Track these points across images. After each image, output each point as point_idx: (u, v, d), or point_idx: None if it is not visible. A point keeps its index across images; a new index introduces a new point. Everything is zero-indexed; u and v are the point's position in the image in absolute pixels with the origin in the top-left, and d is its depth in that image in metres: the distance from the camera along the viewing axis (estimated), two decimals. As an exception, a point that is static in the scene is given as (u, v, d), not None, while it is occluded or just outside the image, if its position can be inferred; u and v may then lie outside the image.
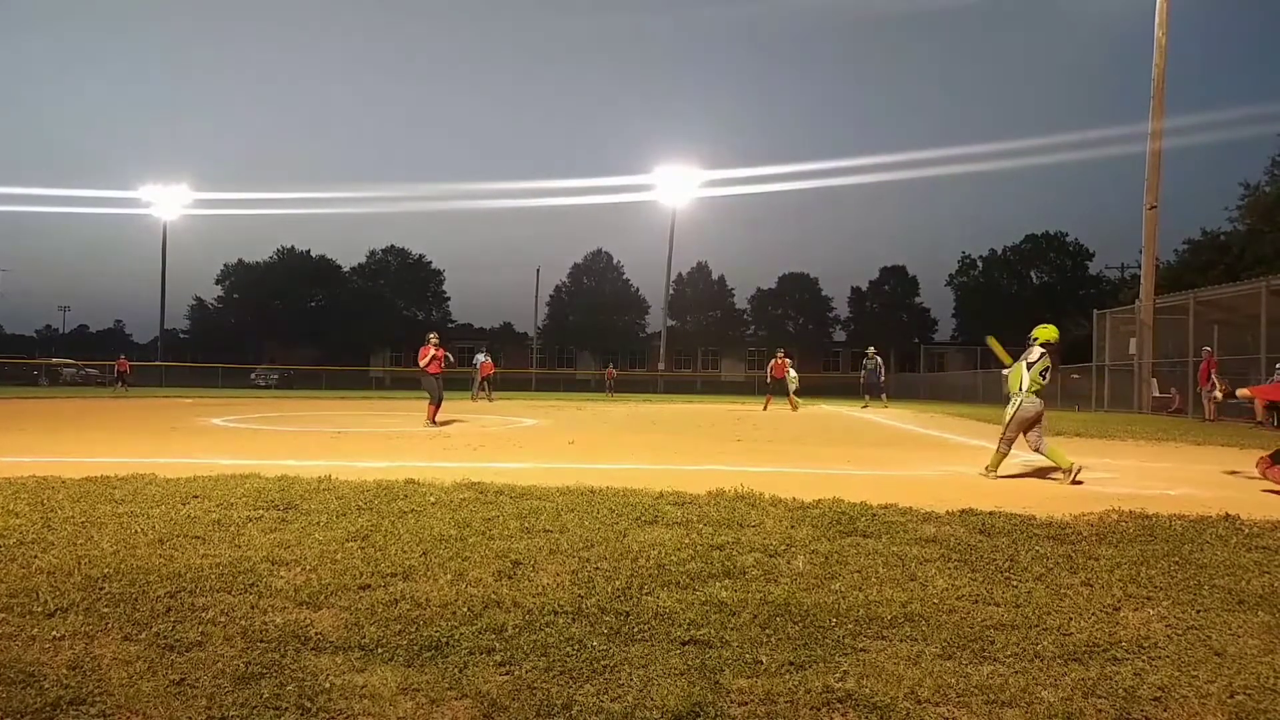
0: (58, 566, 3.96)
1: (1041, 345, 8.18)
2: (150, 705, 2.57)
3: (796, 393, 30.40)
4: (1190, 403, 23.04)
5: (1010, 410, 8.22)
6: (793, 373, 30.62)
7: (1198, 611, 3.59)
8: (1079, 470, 7.62)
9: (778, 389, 26.96)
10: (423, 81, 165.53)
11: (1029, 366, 8.12)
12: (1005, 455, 8.29)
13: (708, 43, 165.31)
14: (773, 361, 27.46)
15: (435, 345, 15.47)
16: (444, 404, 15.77)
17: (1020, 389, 8.12)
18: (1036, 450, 8.08)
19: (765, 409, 25.86)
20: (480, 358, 31.27)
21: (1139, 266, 33.47)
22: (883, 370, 29.21)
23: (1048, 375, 8.11)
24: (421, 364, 15.36)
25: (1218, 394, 8.14)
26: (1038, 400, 8.08)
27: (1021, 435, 8.16)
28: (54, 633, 3.11)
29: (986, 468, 8.27)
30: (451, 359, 16.22)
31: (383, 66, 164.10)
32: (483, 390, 30.63)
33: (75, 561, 4.05)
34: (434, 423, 15.06)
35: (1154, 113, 26.24)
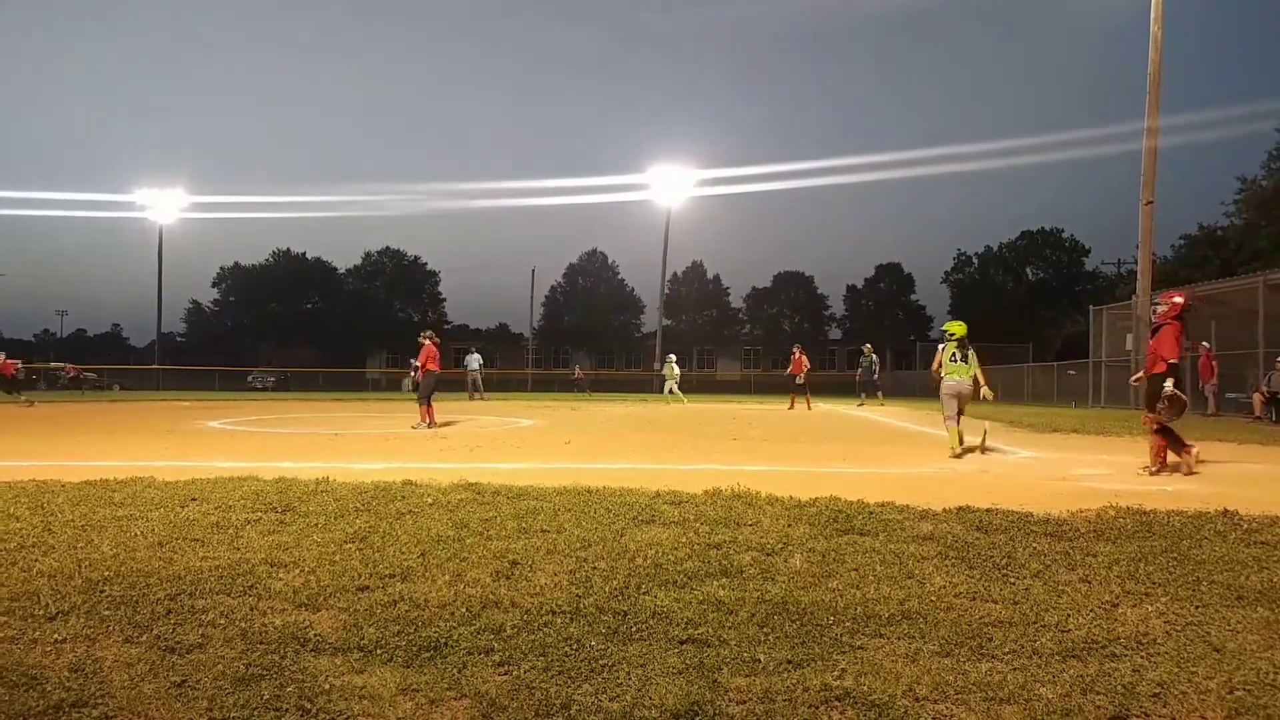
0: (58, 570, 3.97)
1: (958, 339, 10.05)
2: (152, 707, 2.57)
3: (678, 388, 30.00)
4: (1189, 398, 23.08)
5: (943, 391, 10.08)
6: (675, 369, 30.27)
7: (1196, 607, 3.60)
8: (959, 455, 9.56)
9: (798, 386, 26.46)
10: (416, 83, 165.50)
11: (952, 359, 10.04)
12: (952, 430, 9.95)
13: (702, 42, 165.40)
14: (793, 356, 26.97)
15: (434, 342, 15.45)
16: (435, 404, 15.43)
17: (941, 375, 10.11)
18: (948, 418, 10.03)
19: (791, 407, 25.43)
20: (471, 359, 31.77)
21: (1135, 262, 33.49)
22: (878, 367, 29.16)
23: (969, 361, 10.05)
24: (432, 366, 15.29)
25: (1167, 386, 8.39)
26: (957, 381, 9.97)
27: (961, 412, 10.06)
28: (55, 636, 3.12)
29: (950, 450, 9.82)
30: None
31: (378, 68, 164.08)
32: (476, 390, 30.99)
33: (76, 565, 4.05)
34: (427, 424, 14.92)
35: (1150, 108, 26.22)
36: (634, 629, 3.26)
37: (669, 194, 58.65)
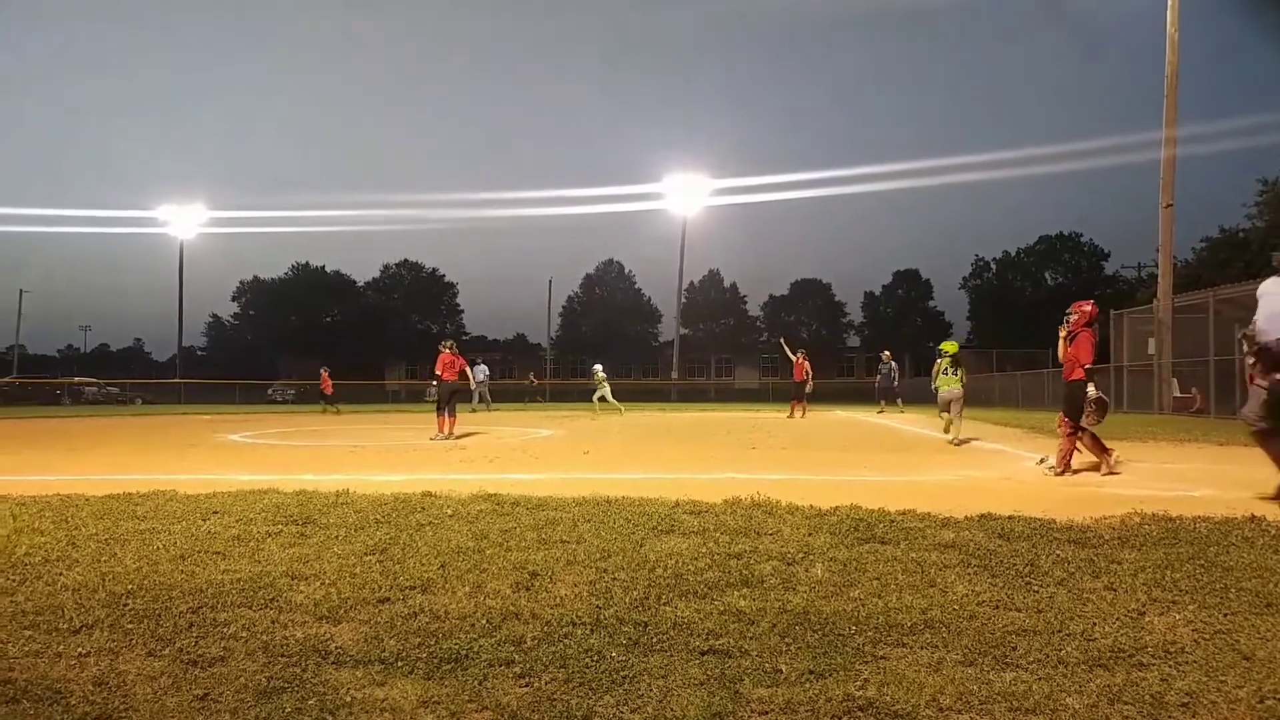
0: (82, 583, 4.00)
1: (951, 356, 13.32)
2: (174, 721, 2.58)
3: (602, 399, 28.40)
4: (1213, 402, 22.81)
5: (941, 398, 13.51)
6: (601, 374, 29.01)
7: (1225, 615, 3.55)
8: (957, 443, 12.93)
9: (797, 391, 26.13)
10: (431, 97, 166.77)
11: (943, 372, 13.29)
12: (946, 419, 13.65)
13: (718, 50, 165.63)
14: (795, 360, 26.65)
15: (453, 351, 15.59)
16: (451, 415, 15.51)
17: (936, 385, 13.50)
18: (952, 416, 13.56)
19: (791, 415, 25.00)
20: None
21: (1156, 266, 33.24)
22: (897, 374, 28.96)
23: (959, 373, 13.25)
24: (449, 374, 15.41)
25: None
26: (949, 389, 13.24)
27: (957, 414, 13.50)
28: (79, 649, 3.14)
29: (950, 441, 13.18)
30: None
31: (393, 82, 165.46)
32: (482, 401, 31.15)
33: (99, 578, 4.08)
34: (444, 434, 15.04)
35: (1168, 109, 26.08)
36: (655, 640, 3.24)
37: (685, 203, 58.78)
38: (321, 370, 32.68)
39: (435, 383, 15.83)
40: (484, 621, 3.45)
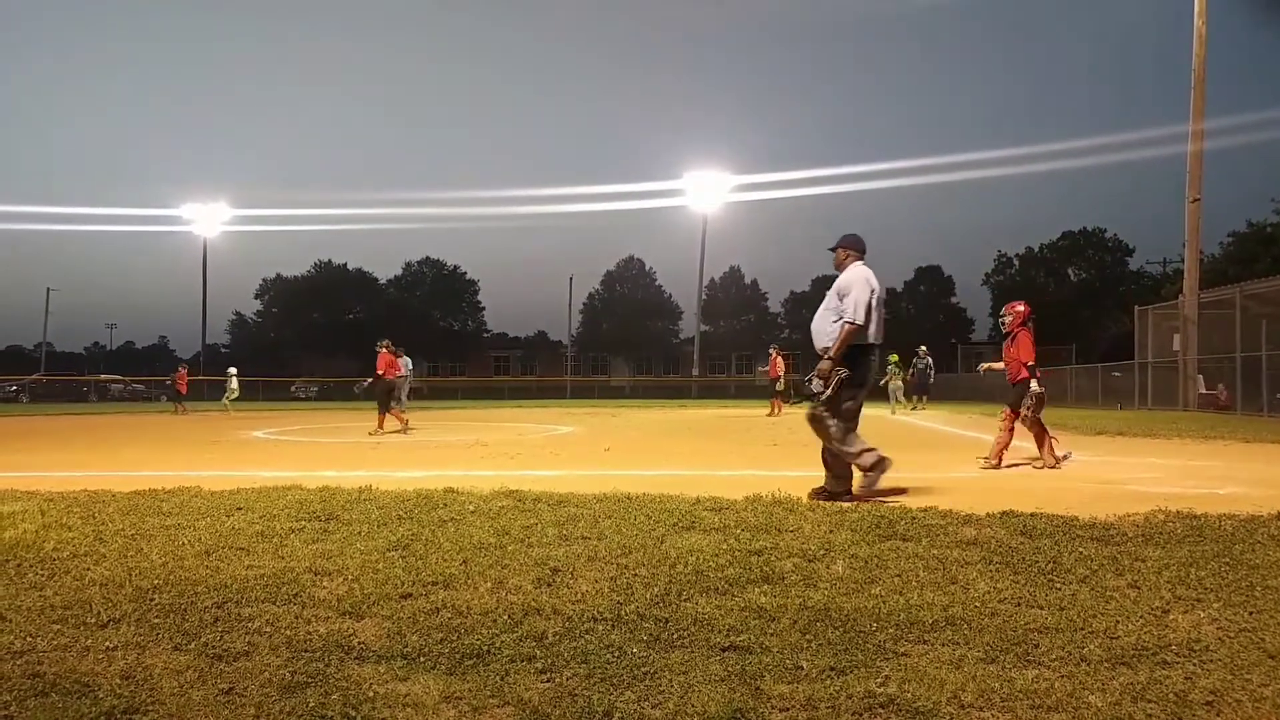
0: (109, 578, 4.04)
1: (894, 365, 25.75)
2: (200, 714, 2.61)
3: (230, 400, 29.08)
4: (1239, 399, 22.54)
5: (891, 390, 26.36)
6: (233, 383, 29.27)
7: (1250, 613, 3.51)
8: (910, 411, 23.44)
9: (773, 388, 25.40)
10: (454, 94, 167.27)
11: (895, 375, 25.98)
12: (909, 406, 26.70)
13: (739, 45, 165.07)
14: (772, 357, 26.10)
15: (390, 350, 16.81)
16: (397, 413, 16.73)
17: (889, 382, 25.53)
18: (896, 400, 27.04)
19: (772, 413, 24.42)
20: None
21: (1181, 261, 32.81)
22: (933, 371, 28.43)
23: (900, 373, 25.94)
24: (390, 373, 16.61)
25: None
26: (899, 384, 26.73)
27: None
28: (107, 643, 3.18)
29: (905, 410, 24.38)
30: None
31: (414, 79, 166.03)
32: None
33: (126, 573, 4.13)
34: (381, 431, 16.12)
35: (1195, 103, 25.78)
36: (675, 636, 3.25)
37: (705, 200, 58.72)
38: (180, 368, 33.21)
39: (369, 381, 17.16)
40: (506, 617, 3.46)
